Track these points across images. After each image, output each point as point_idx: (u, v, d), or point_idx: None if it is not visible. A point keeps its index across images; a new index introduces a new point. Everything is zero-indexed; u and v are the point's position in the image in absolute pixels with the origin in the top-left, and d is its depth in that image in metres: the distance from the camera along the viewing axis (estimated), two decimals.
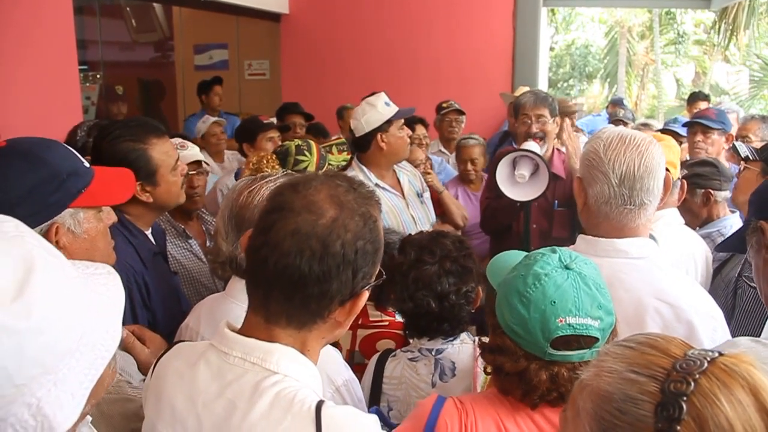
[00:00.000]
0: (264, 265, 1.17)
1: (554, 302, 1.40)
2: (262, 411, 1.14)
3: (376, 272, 1.26)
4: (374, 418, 1.19)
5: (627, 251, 1.83)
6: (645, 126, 6.25)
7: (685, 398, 0.88)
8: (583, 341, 1.41)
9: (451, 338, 2.07)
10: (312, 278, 1.15)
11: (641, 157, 1.78)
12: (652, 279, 1.80)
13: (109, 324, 1.04)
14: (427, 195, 3.69)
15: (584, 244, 1.90)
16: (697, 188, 3.09)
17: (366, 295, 1.25)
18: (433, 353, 2.06)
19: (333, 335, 1.30)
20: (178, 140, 2.91)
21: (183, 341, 1.43)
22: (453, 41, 7.43)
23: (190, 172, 2.84)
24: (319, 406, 1.13)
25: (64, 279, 0.97)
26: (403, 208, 3.45)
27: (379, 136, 3.35)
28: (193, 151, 3.04)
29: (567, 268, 1.44)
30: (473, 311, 2.11)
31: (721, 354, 0.94)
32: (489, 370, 1.58)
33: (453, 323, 2.06)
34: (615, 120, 6.39)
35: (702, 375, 0.90)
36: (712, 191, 3.07)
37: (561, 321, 1.39)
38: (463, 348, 2.06)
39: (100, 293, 1.05)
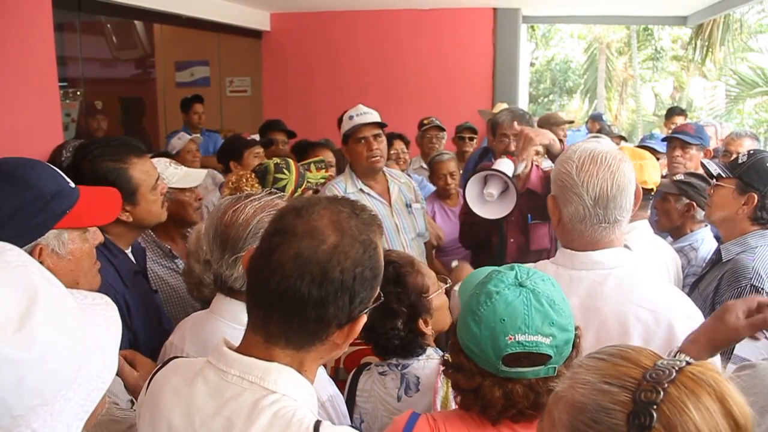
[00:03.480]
0: (265, 286, 1.19)
1: (503, 320, 1.42)
2: (261, 430, 1.15)
3: (375, 296, 1.29)
4: None
5: (603, 262, 1.87)
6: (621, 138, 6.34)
7: (655, 407, 0.92)
8: (535, 358, 1.42)
9: (417, 355, 2.08)
10: (311, 302, 1.17)
11: (613, 177, 1.83)
12: (629, 287, 1.84)
13: (106, 355, 1.04)
14: (416, 206, 3.78)
15: (563, 257, 1.95)
16: (684, 196, 3.16)
17: (364, 318, 1.27)
18: (399, 368, 2.07)
19: (330, 356, 1.32)
20: (164, 160, 2.91)
21: (172, 359, 1.44)
22: (434, 57, 7.50)
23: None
24: (317, 425, 1.14)
25: (64, 310, 0.98)
26: (387, 215, 3.57)
27: (344, 148, 3.70)
28: (199, 171, 3.07)
29: (521, 285, 1.47)
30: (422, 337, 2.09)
31: (688, 363, 0.98)
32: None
33: (396, 352, 2.06)
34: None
35: (671, 384, 0.94)
36: (695, 205, 3.14)
37: (510, 338, 1.41)
38: (428, 364, 2.06)
39: (98, 324, 1.06)
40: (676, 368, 0.96)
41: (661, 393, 0.93)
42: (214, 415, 1.20)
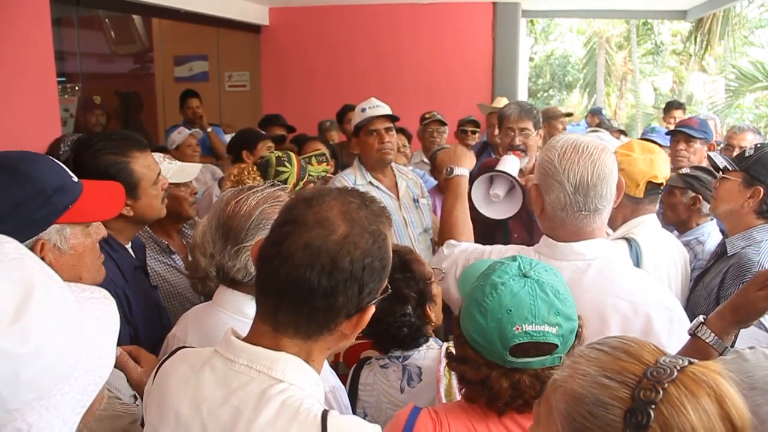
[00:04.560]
0: (275, 275, 1.20)
1: (510, 311, 1.43)
2: (268, 419, 1.16)
3: (383, 287, 1.29)
4: (378, 428, 1.22)
5: (583, 254, 1.92)
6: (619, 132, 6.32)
7: (653, 406, 0.92)
8: (542, 348, 1.44)
9: (419, 345, 2.09)
10: (320, 291, 1.18)
11: (594, 166, 1.86)
12: (608, 278, 1.88)
13: (104, 350, 1.04)
14: (424, 201, 3.82)
15: (545, 247, 2.00)
16: (690, 190, 3.14)
17: (372, 309, 1.28)
18: (401, 360, 2.07)
19: (338, 347, 1.33)
20: (159, 155, 2.89)
21: (178, 349, 1.43)
22: (433, 52, 7.49)
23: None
24: (325, 414, 1.15)
25: (62, 303, 0.97)
26: (395, 209, 3.59)
27: (354, 140, 3.75)
28: (194, 165, 3.07)
29: (525, 276, 1.48)
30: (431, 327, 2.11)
31: (691, 362, 0.98)
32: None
33: (400, 342, 2.07)
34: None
35: (671, 383, 0.94)
36: (701, 199, 3.12)
37: (517, 329, 1.42)
38: (429, 353, 2.07)
39: (96, 318, 1.05)
40: (678, 367, 0.97)
41: (661, 392, 0.93)
42: (221, 404, 1.21)
